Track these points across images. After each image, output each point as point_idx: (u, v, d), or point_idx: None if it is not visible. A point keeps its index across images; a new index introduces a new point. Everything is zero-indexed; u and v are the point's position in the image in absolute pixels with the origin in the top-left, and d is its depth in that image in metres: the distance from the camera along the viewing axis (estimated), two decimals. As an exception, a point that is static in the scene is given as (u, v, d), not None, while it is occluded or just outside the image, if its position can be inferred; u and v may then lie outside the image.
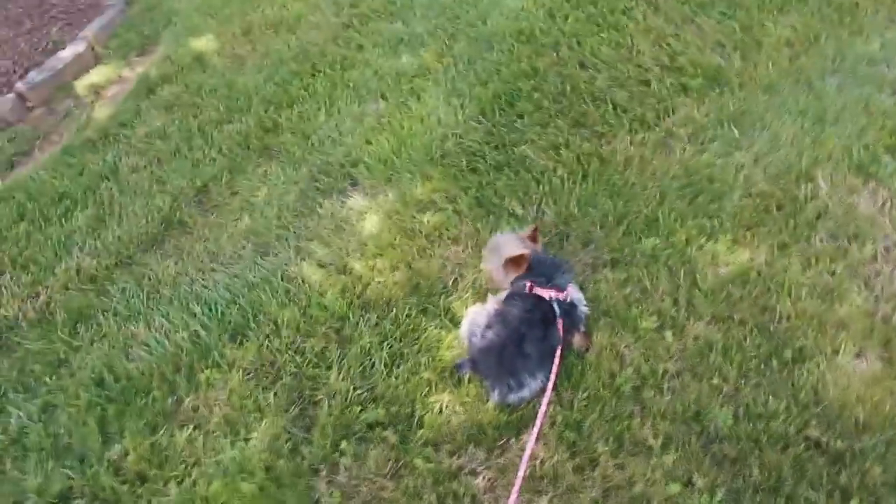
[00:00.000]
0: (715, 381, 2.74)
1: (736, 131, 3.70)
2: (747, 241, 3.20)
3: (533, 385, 2.72)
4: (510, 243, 2.91)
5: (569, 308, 2.78)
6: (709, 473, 2.50)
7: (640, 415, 2.69)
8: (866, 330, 2.82)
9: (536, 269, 2.83)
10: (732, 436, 2.58)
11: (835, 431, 2.55)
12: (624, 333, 2.94)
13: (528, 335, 2.71)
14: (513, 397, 2.74)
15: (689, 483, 2.49)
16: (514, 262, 2.83)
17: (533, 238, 2.97)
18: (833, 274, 3.02)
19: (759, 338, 2.84)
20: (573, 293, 2.83)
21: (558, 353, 2.72)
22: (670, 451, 2.57)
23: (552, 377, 2.68)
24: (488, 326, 2.76)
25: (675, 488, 2.47)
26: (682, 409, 2.68)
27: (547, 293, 2.74)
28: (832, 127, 3.60)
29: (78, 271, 3.89)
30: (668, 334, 2.91)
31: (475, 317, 2.85)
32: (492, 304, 2.86)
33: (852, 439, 2.53)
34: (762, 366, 2.76)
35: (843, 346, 2.77)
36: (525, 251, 2.82)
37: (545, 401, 2.58)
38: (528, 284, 2.77)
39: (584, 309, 2.88)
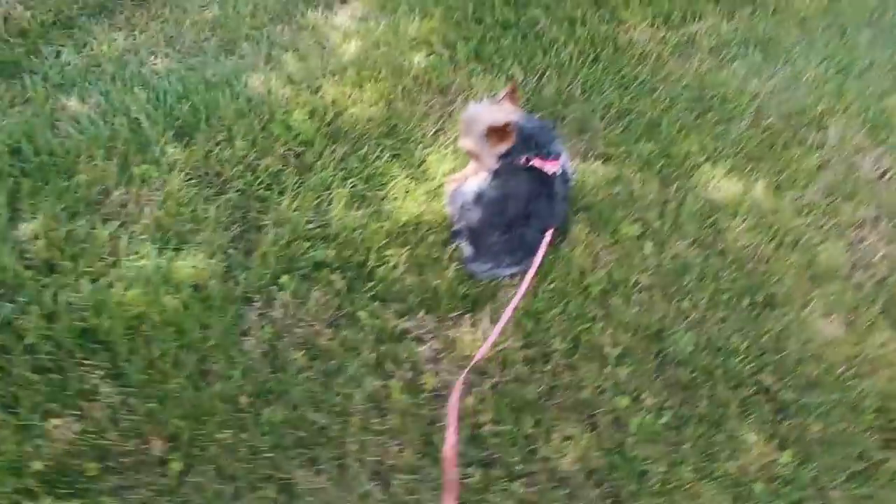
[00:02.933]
0: (685, 304, 2.62)
1: (759, 57, 3.47)
2: (745, 172, 3.04)
3: (523, 264, 2.53)
4: (489, 112, 2.58)
5: (564, 178, 2.58)
6: (659, 394, 2.41)
7: (602, 321, 2.55)
8: (839, 292, 2.74)
9: (526, 136, 2.53)
10: (689, 363, 2.49)
11: (786, 382, 2.50)
12: (603, 234, 2.77)
13: (535, 213, 2.51)
14: (497, 272, 2.56)
15: (637, 399, 2.40)
16: (497, 132, 2.51)
17: (512, 98, 2.64)
18: (820, 228, 2.92)
19: (737, 273, 2.73)
20: (564, 161, 2.60)
21: (549, 233, 2.52)
22: (625, 363, 2.46)
23: (538, 258, 2.50)
24: (491, 201, 2.52)
25: (623, 401, 2.37)
26: (646, 324, 2.56)
27: (549, 167, 2.51)
28: (855, 80, 3.42)
29: (6, 19, 3.35)
30: (648, 245, 2.75)
31: (468, 187, 2.59)
32: (482, 176, 2.60)
33: (801, 393, 2.48)
34: (733, 301, 2.66)
35: (813, 303, 2.70)
36: (509, 118, 2.50)
37: (523, 286, 2.43)
38: (525, 158, 2.51)
39: (572, 177, 2.70)
